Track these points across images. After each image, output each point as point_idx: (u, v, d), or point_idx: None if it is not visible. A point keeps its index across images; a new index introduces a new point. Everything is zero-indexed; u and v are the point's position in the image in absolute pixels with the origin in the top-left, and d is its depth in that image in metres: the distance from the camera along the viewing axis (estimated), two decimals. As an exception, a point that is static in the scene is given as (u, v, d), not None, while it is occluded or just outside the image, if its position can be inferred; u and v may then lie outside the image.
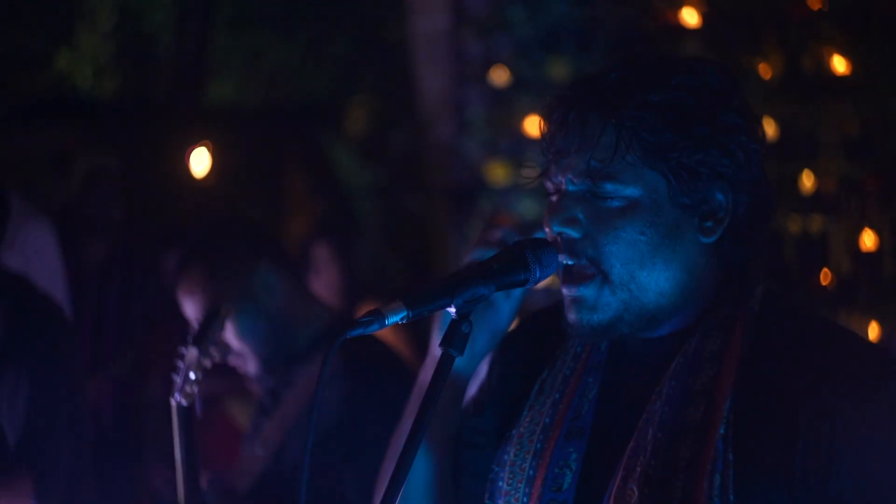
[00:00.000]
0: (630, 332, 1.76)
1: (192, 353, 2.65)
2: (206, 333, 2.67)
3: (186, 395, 2.61)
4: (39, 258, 5.03)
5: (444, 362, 1.69)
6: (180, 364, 2.65)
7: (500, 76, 5.51)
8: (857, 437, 1.60)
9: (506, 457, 1.84)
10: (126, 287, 5.32)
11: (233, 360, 2.85)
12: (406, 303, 1.67)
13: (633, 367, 1.81)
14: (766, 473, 1.61)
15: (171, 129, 8.51)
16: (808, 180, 5.10)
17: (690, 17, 5.12)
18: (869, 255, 5.04)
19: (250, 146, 8.67)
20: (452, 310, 1.70)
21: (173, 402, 2.60)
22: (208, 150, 7.25)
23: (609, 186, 1.72)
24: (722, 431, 1.64)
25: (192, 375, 2.63)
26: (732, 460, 1.62)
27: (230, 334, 2.79)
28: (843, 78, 5.02)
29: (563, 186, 1.76)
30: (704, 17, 5.12)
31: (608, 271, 1.73)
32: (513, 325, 2.01)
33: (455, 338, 1.69)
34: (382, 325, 1.67)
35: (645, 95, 1.70)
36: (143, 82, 10.61)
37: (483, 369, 2.00)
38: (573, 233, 1.74)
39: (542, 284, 1.81)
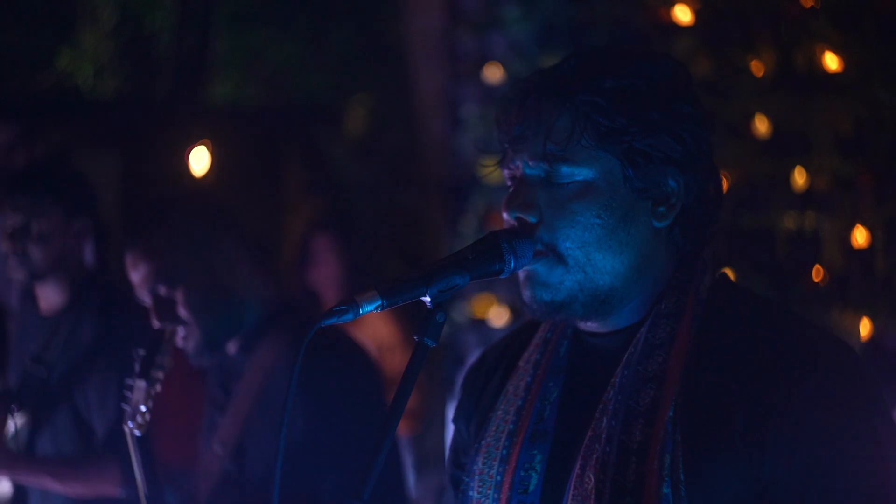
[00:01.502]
0: (584, 313, 1.79)
1: (139, 385, 2.63)
2: (153, 362, 2.65)
3: (139, 425, 2.60)
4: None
5: (419, 351, 1.70)
6: (129, 395, 2.63)
7: (494, 73, 5.52)
8: (793, 416, 1.63)
9: (475, 467, 1.87)
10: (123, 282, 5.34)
11: (175, 331, 2.83)
12: (380, 292, 1.69)
13: (592, 366, 1.84)
14: (711, 453, 1.65)
15: (172, 128, 8.53)
16: (800, 177, 5.11)
17: (683, 14, 5.12)
18: (861, 252, 5.04)
19: (249, 144, 8.69)
20: (427, 299, 1.72)
21: (126, 430, 2.59)
22: (208, 148, 7.27)
23: (565, 169, 1.76)
24: (671, 414, 1.67)
25: (142, 408, 2.61)
26: (681, 441, 1.65)
27: (181, 305, 2.79)
28: (835, 75, 5.02)
29: (520, 171, 1.80)
30: (697, 14, 5.13)
31: (564, 254, 1.76)
32: (475, 356, 2.06)
33: (430, 327, 1.71)
34: (357, 314, 1.68)
35: (600, 81, 1.75)
36: (143, 81, 10.62)
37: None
38: (530, 217, 1.78)
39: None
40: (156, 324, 2.81)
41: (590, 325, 1.86)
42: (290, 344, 2.80)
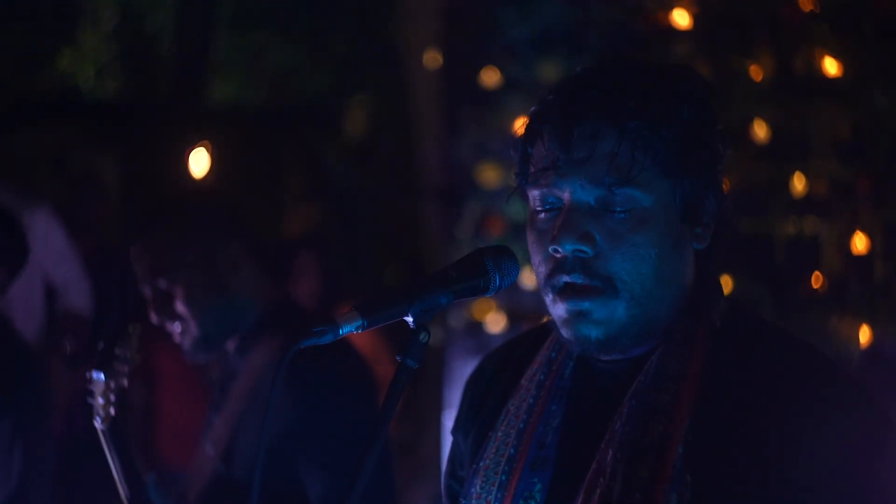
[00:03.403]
0: (631, 344, 1.72)
1: (97, 378, 2.60)
2: (112, 354, 2.63)
3: (105, 419, 2.58)
4: (46, 245, 5.06)
5: (401, 373, 1.66)
6: (91, 389, 2.61)
7: (490, 78, 5.50)
8: (811, 465, 1.57)
9: (472, 490, 1.81)
10: (121, 282, 5.36)
11: (172, 328, 2.82)
12: (361, 312, 1.65)
13: (598, 392, 1.77)
14: (721, 495, 1.59)
15: (173, 129, 8.53)
16: (799, 183, 5.08)
17: (682, 18, 5.10)
18: (860, 258, 5.01)
19: (250, 147, 8.68)
20: (410, 319, 1.68)
21: (97, 427, 2.57)
22: (207, 150, 7.27)
23: (628, 194, 1.67)
24: (681, 451, 1.61)
25: (100, 401, 2.59)
26: (690, 481, 1.59)
27: (180, 300, 2.78)
28: (834, 80, 5.00)
29: (567, 197, 1.70)
30: (696, 18, 5.10)
31: (620, 288, 1.68)
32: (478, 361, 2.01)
33: (412, 348, 1.66)
34: (336, 336, 1.65)
35: (655, 105, 1.68)
36: (144, 82, 10.62)
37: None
38: (588, 250, 1.68)
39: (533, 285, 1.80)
40: (153, 318, 2.82)
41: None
42: (282, 346, 2.80)
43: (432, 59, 5.77)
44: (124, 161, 9.01)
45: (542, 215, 1.73)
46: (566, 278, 1.69)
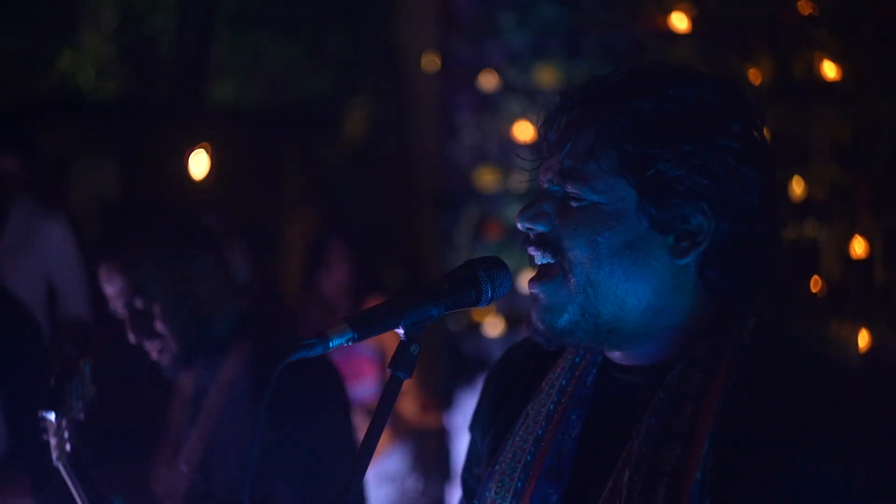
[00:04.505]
0: (590, 342, 1.68)
1: (49, 418, 2.57)
2: (63, 391, 2.59)
3: (60, 456, 2.54)
4: (60, 254, 5.11)
5: (392, 384, 1.65)
6: (45, 427, 2.57)
7: (489, 81, 5.50)
8: (838, 496, 1.51)
9: (487, 494, 1.77)
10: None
11: (150, 346, 2.80)
12: (352, 324, 1.63)
13: (618, 403, 1.72)
14: None
15: (173, 130, 8.53)
16: (798, 187, 5.07)
17: (680, 22, 5.09)
18: (859, 262, 5.01)
19: (249, 148, 8.68)
20: (401, 331, 1.67)
21: (59, 466, 2.54)
22: (207, 152, 7.27)
23: (575, 188, 1.66)
24: (699, 476, 1.55)
25: (55, 440, 2.55)
26: None
27: (158, 318, 2.75)
28: (833, 84, 4.99)
29: (545, 184, 1.71)
30: (694, 22, 5.10)
31: (568, 268, 1.66)
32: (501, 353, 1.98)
33: (403, 360, 1.63)
34: (326, 348, 1.62)
35: (635, 102, 1.64)
36: (144, 83, 10.63)
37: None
38: (540, 227, 1.69)
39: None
40: (132, 338, 2.79)
41: (616, 356, 1.74)
42: (251, 355, 2.78)
43: (431, 62, 5.76)
44: (124, 162, 9.01)
45: None
46: (530, 250, 1.70)
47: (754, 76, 5.06)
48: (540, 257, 1.69)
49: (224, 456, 2.74)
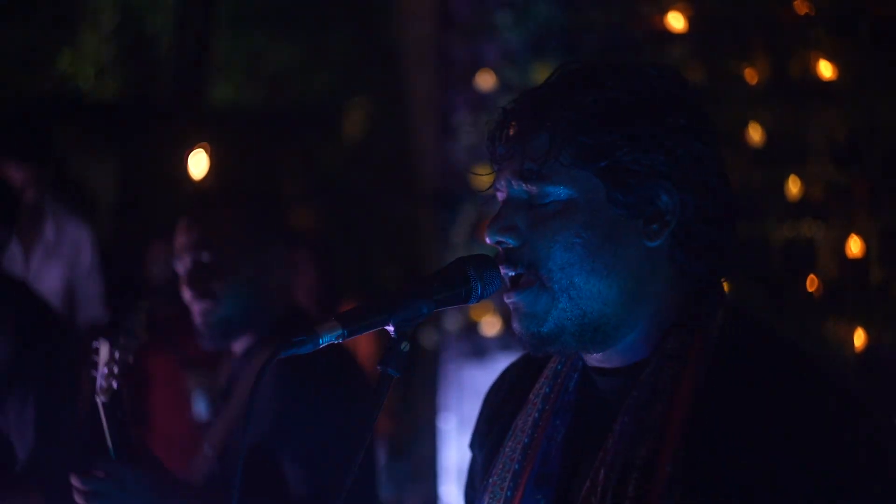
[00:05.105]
0: (577, 344, 1.69)
1: (103, 346, 2.58)
2: (120, 326, 2.61)
3: (106, 391, 2.56)
4: (82, 255, 5.15)
5: (383, 382, 1.66)
6: (95, 359, 2.59)
7: (486, 81, 5.50)
8: (806, 485, 1.52)
9: None
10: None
11: (199, 307, 2.83)
12: (341, 321, 1.64)
13: (599, 406, 1.73)
14: None
15: (172, 130, 8.54)
16: (794, 186, 5.08)
17: (676, 21, 5.09)
18: (856, 261, 5.01)
19: (248, 148, 8.69)
20: (391, 328, 1.67)
21: (98, 402, 2.56)
22: (206, 151, 7.28)
23: (543, 188, 1.67)
24: (669, 471, 1.57)
25: (107, 369, 2.56)
26: (680, 501, 1.55)
27: (218, 278, 2.80)
28: (829, 83, 4.99)
29: (505, 192, 1.72)
30: (690, 21, 5.10)
31: (546, 276, 1.66)
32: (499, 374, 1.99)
33: (394, 357, 1.64)
34: (316, 346, 1.63)
35: (581, 97, 1.66)
36: (144, 83, 10.64)
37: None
38: (511, 241, 1.69)
39: None
40: (186, 293, 2.85)
41: (594, 359, 1.75)
42: (279, 362, 2.83)
43: (428, 62, 5.77)
44: (123, 161, 9.03)
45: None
46: (502, 269, 1.70)
47: (751, 76, 5.07)
48: (512, 272, 1.70)
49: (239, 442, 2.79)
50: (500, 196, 1.74)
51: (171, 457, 3.45)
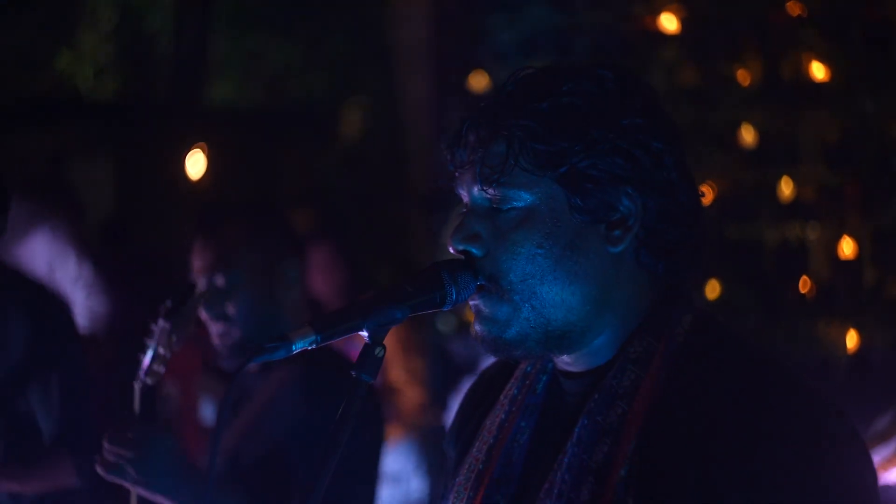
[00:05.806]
0: (543, 350, 1.67)
1: (163, 327, 2.59)
2: (181, 308, 2.62)
3: (152, 374, 2.56)
4: (61, 258, 5.13)
5: (356, 387, 1.65)
6: (149, 341, 2.60)
7: (479, 82, 5.51)
8: (757, 489, 1.51)
9: None
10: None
11: (215, 329, 2.83)
12: (315, 328, 1.63)
13: (563, 409, 1.72)
14: None
15: (170, 130, 8.54)
16: (786, 188, 5.08)
17: (669, 23, 5.09)
18: (848, 262, 5.02)
19: (245, 149, 8.69)
20: (365, 334, 1.67)
21: (136, 385, 2.56)
22: (204, 152, 7.28)
23: (504, 192, 1.65)
24: (623, 473, 1.56)
25: (160, 351, 2.57)
26: None
27: (233, 301, 2.80)
28: (822, 85, 5.00)
29: (467, 199, 1.70)
30: (683, 23, 5.10)
31: (507, 288, 1.64)
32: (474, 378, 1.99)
33: (367, 363, 1.62)
34: (289, 352, 1.62)
35: (535, 103, 1.64)
36: (142, 83, 10.65)
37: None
38: (474, 250, 1.67)
39: None
40: (202, 314, 2.84)
41: (563, 362, 1.73)
42: (303, 374, 2.82)
43: (421, 64, 5.78)
44: (122, 161, 9.03)
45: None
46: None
47: (743, 77, 5.07)
48: (474, 282, 1.67)
49: (249, 453, 2.78)
50: (466, 201, 1.75)
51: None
